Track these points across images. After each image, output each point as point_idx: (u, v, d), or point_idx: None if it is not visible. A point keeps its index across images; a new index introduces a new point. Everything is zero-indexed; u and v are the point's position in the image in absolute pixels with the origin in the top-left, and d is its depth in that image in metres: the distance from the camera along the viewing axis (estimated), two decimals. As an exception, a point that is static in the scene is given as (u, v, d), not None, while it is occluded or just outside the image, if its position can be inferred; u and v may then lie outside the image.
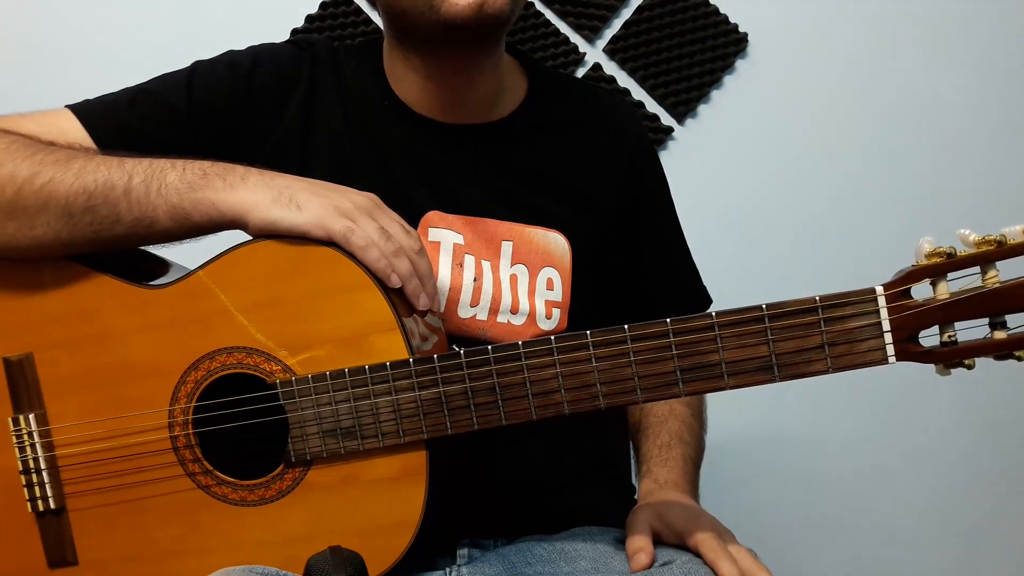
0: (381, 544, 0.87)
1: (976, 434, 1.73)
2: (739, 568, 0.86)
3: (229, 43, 1.07)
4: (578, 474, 1.05)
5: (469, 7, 0.90)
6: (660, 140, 1.64)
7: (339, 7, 1.58)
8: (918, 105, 1.67)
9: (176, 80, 1.02)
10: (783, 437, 1.71)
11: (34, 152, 0.90)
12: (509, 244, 1.02)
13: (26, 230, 0.89)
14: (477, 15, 0.91)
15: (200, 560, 0.90)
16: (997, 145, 1.68)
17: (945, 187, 1.67)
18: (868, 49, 1.66)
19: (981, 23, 1.66)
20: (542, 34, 1.60)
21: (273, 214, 0.86)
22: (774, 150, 1.66)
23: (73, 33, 1.55)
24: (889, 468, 1.73)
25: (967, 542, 1.76)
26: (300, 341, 0.88)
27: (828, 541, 1.74)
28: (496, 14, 0.92)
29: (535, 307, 1.01)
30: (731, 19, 1.64)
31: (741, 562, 0.86)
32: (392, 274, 0.85)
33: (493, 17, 0.92)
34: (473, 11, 0.90)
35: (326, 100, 1.03)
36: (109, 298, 0.92)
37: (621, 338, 0.82)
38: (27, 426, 0.94)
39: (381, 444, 0.86)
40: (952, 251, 0.78)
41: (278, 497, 0.89)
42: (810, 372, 0.80)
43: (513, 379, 0.84)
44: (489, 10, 0.91)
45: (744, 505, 1.71)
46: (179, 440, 0.91)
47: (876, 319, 0.78)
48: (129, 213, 0.88)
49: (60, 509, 0.94)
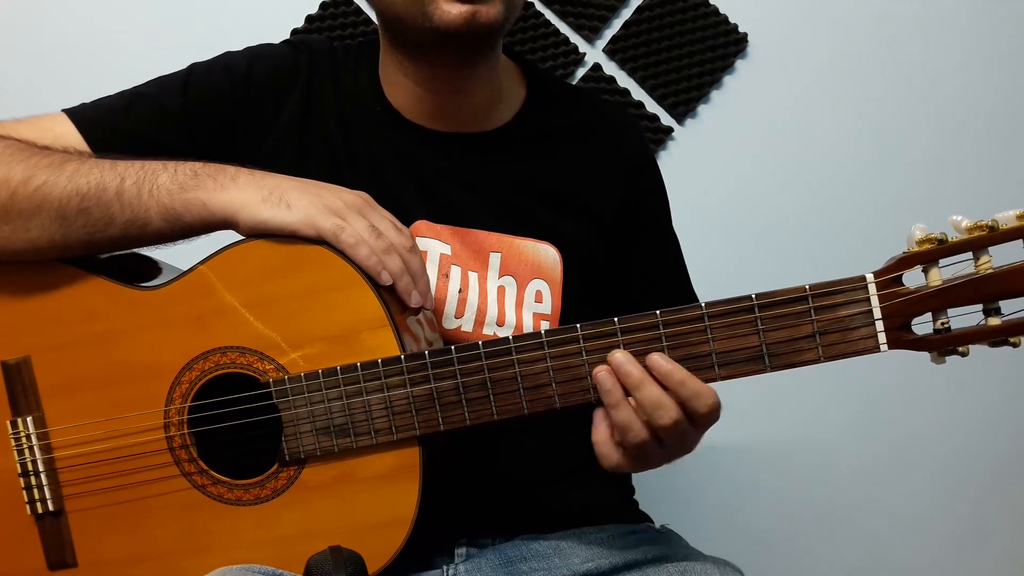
0: (376, 541, 0.87)
1: (974, 425, 1.71)
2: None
3: (229, 43, 1.07)
4: (575, 472, 1.04)
5: (461, 16, 0.90)
6: (660, 140, 1.63)
7: (339, 7, 1.58)
8: (917, 104, 1.66)
9: (172, 83, 1.02)
10: (783, 437, 1.70)
11: (28, 156, 0.91)
12: (497, 255, 1.01)
13: (21, 233, 0.90)
14: (469, 24, 0.90)
15: (197, 560, 0.90)
16: (993, 139, 1.67)
17: (945, 187, 1.66)
18: (868, 49, 1.65)
19: (979, 21, 1.65)
20: (542, 34, 1.60)
21: (263, 213, 0.86)
22: (773, 150, 1.65)
23: (73, 34, 1.56)
24: (887, 462, 1.72)
25: (966, 534, 1.75)
26: (292, 340, 0.88)
27: (828, 538, 1.73)
28: (489, 24, 0.91)
29: (522, 319, 1.00)
30: (731, 19, 1.63)
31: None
32: (383, 271, 0.85)
33: (486, 27, 0.91)
34: (465, 20, 0.90)
35: (322, 102, 1.03)
36: (104, 300, 0.93)
37: (611, 331, 0.82)
38: (25, 429, 0.95)
39: (374, 441, 0.86)
40: (944, 237, 0.77)
41: (273, 496, 0.89)
42: (801, 362, 0.79)
43: (504, 374, 0.84)
44: (482, 19, 0.90)
45: (743, 505, 1.71)
46: (175, 440, 0.91)
47: (867, 307, 0.78)
48: (122, 215, 0.88)
49: (59, 511, 0.94)
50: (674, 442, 0.82)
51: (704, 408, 0.80)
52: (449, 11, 0.90)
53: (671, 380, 0.80)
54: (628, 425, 0.81)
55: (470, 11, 0.90)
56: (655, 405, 0.79)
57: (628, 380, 0.80)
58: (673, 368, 0.80)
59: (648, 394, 0.80)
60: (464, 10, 0.90)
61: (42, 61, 1.56)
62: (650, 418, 0.80)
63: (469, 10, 0.90)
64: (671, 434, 0.81)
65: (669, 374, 0.80)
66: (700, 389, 0.80)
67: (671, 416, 0.79)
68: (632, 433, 0.81)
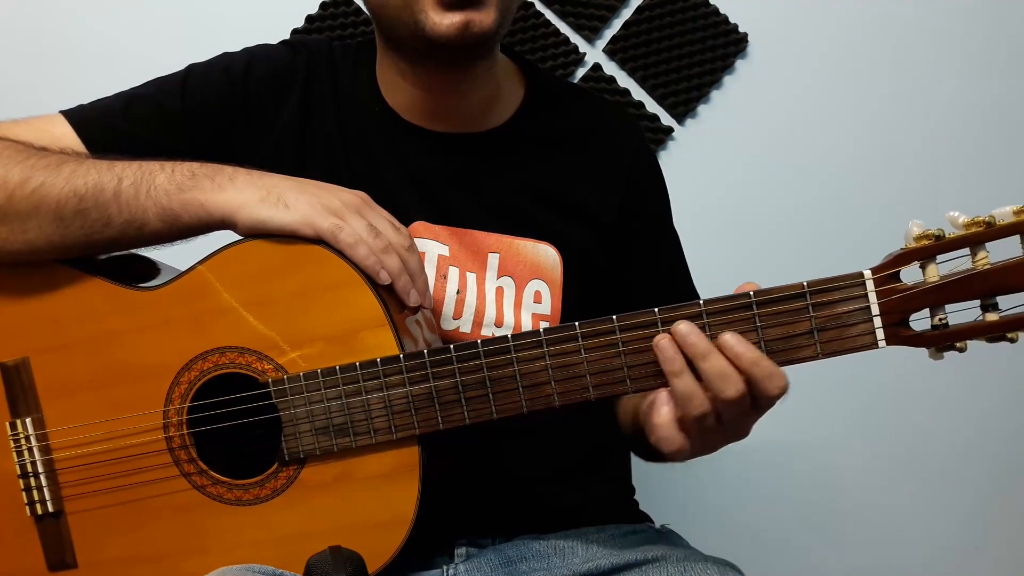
0: (376, 541, 0.87)
1: (973, 421, 1.71)
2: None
3: (228, 43, 1.08)
4: (575, 471, 1.04)
5: (453, 27, 0.89)
6: (660, 140, 1.63)
7: (339, 7, 1.58)
8: (915, 102, 1.66)
9: (171, 83, 1.02)
10: (782, 437, 1.69)
11: (26, 157, 0.91)
12: (496, 256, 1.01)
13: (18, 234, 0.90)
14: (462, 35, 0.89)
15: (197, 560, 0.90)
16: (991, 136, 1.67)
17: (942, 183, 1.66)
18: (867, 49, 1.65)
19: (978, 20, 1.65)
20: (542, 34, 1.60)
21: (262, 213, 0.86)
22: (773, 150, 1.65)
23: (72, 35, 1.56)
24: (887, 461, 1.72)
25: (966, 534, 1.74)
26: (291, 339, 0.88)
27: (827, 538, 1.73)
28: (482, 33, 0.90)
29: (520, 320, 1.00)
30: (731, 19, 1.63)
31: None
32: (381, 271, 0.85)
33: (479, 36, 0.90)
34: (458, 31, 0.89)
35: (321, 102, 1.03)
36: (102, 301, 0.93)
37: (610, 328, 0.82)
38: (24, 430, 0.95)
39: (374, 441, 0.86)
40: (941, 233, 0.77)
41: (272, 496, 0.89)
42: (800, 358, 0.79)
43: (503, 372, 0.84)
44: (475, 29, 0.90)
45: (743, 505, 1.70)
46: (174, 441, 0.91)
47: (865, 303, 0.78)
48: (119, 215, 0.88)
49: (58, 512, 0.94)
50: (734, 421, 0.80)
51: (776, 390, 0.77)
52: (440, 22, 0.89)
53: (743, 361, 0.77)
54: (691, 395, 0.78)
55: (463, 21, 0.89)
56: (721, 375, 0.77)
57: (694, 350, 0.78)
58: (746, 348, 0.77)
59: (714, 364, 0.77)
60: (456, 20, 0.89)
61: (40, 62, 1.56)
62: (716, 390, 0.77)
63: (462, 20, 0.89)
64: (734, 409, 0.78)
65: (741, 355, 0.77)
66: (773, 370, 0.77)
67: (737, 388, 0.77)
68: (695, 403, 0.78)
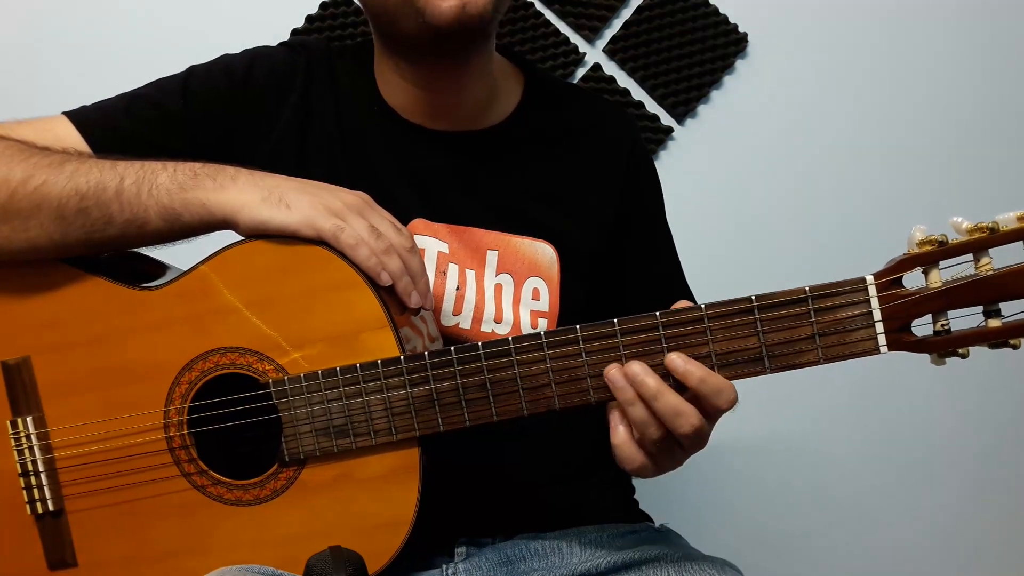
0: (376, 541, 0.87)
1: (975, 426, 1.72)
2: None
3: (229, 44, 1.08)
4: (575, 472, 1.05)
5: (451, 9, 0.90)
6: (660, 140, 1.63)
7: (339, 7, 1.58)
8: (918, 105, 1.66)
9: (171, 84, 1.02)
10: (782, 438, 1.70)
11: (28, 156, 0.91)
12: (495, 253, 1.01)
13: (20, 232, 0.90)
14: (460, 16, 0.90)
15: (197, 560, 0.90)
16: (994, 140, 1.67)
17: (946, 188, 1.66)
18: (867, 49, 1.65)
19: (980, 22, 1.66)
20: (542, 34, 1.61)
21: (263, 214, 0.86)
22: (774, 150, 1.65)
23: (72, 35, 1.56)
24: (887, 464, 1.73)
25: (966, 534, 1.75)
26: (292, 340, 0.88)
27: (827, 538, 1.74)
28: (479, 14, 0.91)
29: (519, 317, 1.01)
30: (731, 19, 1.63)
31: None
32: (382, 272, 0.85)
33: (475, 17, 0.91)
34: (455, 13, 0.90)
35: (320, 103, 1.03)
36: (104, 300, 0.93)
37: (611, 332, 0.82)
38: (25, 429, 0.95)
39: (374, 442, 0.86)
40: (944, 239, 0.77)
41: (272, 497, 0.89)
42: (801, 363, 0.79)
43: (503, 375, 0.84)
44: (472, 10, 0.90)
45: (743, 505, 1.71)
46: (174, 441, 0.91)
47: (867, 308, 0.78)
48: (121, 214, 0.88)
49: (59, 511, 0.94)
50: (693, 443, 0.81)
51: (726, 404, 0.79)
52: (439, 4, 0.90)
53: (691, 379, 0.78)
54: (646, 423, 0.79)
55: (459, 2, 0.90)
56: (675, 413, 0.78)
57: (645, 391, 0.79)
58: (694, 367, 0.79)
59: (666, 403, 0.78)
60: (454, 3, 0.90)
61: (42, 64, 1.56)
62: (670, 427, 0.79)
63: (459, 2, 0.90)
64: (690, 439, 0.80)
65: (688, 373, 0.79)
66: (721, 385, 0.79)
67: (691, 423, 0.78)
68: (652, 429, 0.79)
